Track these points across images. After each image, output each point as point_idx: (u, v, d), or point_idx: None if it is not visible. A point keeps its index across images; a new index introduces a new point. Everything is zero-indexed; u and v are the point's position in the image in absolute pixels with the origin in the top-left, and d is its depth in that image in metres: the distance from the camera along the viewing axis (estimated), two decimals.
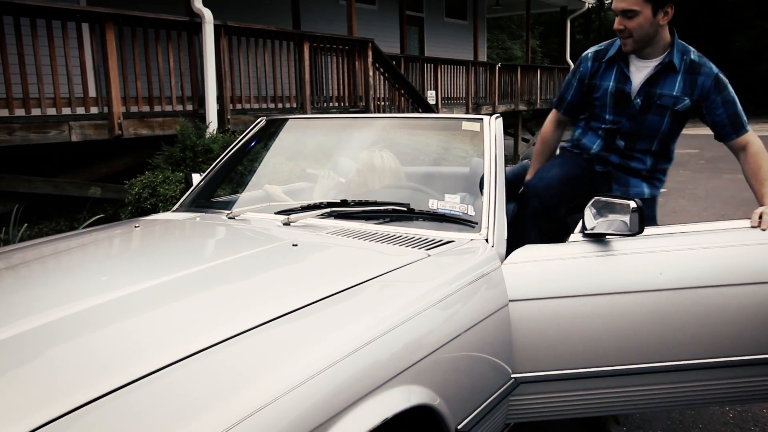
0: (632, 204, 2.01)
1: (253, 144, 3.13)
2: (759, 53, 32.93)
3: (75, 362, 1.32)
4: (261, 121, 3.10)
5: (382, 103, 9.64)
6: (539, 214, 2.66)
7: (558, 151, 3.11)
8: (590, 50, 2.73)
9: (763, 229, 2.16)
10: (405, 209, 2.28)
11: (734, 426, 2.87)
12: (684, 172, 13.39)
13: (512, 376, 2.02)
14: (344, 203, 2.35)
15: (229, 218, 2.42)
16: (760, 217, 2.20)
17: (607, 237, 2.12)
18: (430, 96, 11.83)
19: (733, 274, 2.07)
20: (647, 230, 2.13)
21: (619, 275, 2.07)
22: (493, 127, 2.47)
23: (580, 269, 2.08)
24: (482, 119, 2.53)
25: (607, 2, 37.26)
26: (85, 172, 6.65)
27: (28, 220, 6.57)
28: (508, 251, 2.14)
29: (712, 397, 2.23)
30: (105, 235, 2.33)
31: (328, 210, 2.31)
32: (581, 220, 2.18)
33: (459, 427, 1.73)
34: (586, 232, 2.14)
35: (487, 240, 2.15)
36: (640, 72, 2.52)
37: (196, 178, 3.06)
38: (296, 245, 2.00)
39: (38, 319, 1.48)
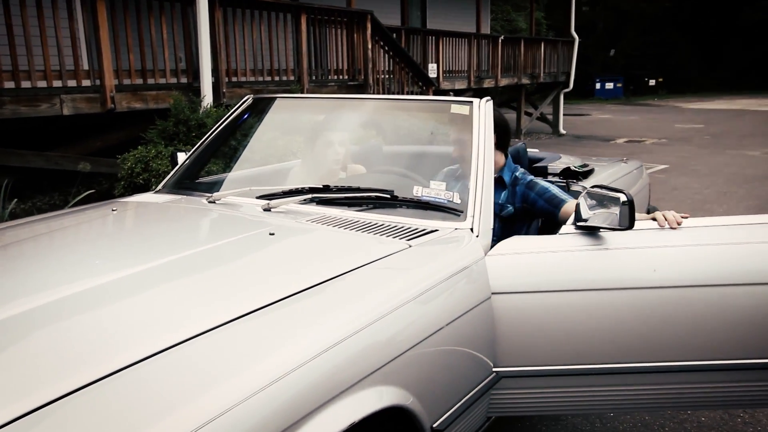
0: (622, 197, 1.91)
1: (238, 123, 3.06)
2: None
3: (33, 359, 1.27)
4: (247, 99, 3.02)
5: (382, 77, 9.49)
6: None
7: None
8: None
9: (674, 228, 2.07)
10: (388, 196, 2.22)
11: (722, 412, 2.84)
12: (688, 148, 13.27)
13: (494, 370, 1.98)
14: (326, 189, 2.29)
15: (210, 202, 2.36)
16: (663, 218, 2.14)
17: (600, 231, 2.03)
18: (432, 69, 11.66)
19: (730, 274, 1.97)
20: (641, 224, 2.05)
21: (610, 271, 1.98)
22: (483, 110, 2.40)
23: (568, 263, 2.00)
24: (472, 102, 2.45)
25: None
26: (78, 146, 6.58)
27: (21, 195, 6.52)
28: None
29: (698, 400, 2.16)
30: (78, 220, 2.27)
31: (309, 196, 2.25)
32: (573, 212, 2.11)
33: (435, 425, 1.68)
34: (577, 224, 2.07)
35: (472, 229, 2.08)
36: None
37: (181, 157, 2.99)
38: (273, 234, 1.94)
39: None
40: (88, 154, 6.56)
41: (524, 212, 2.64)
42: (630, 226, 1.91)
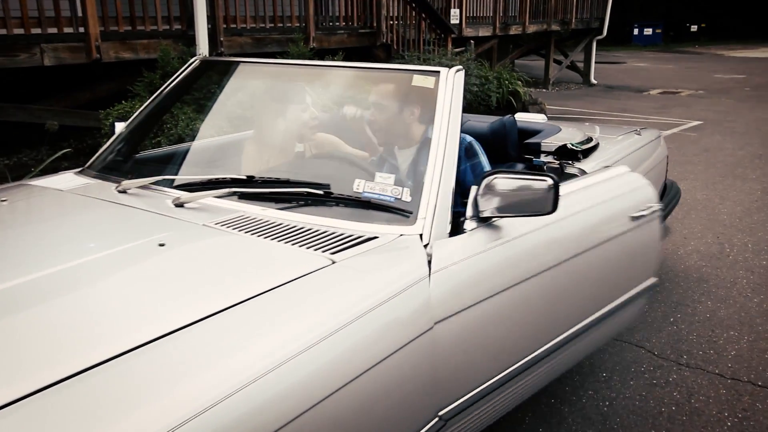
0: (549, 181, 1.71)
1: (184, 89, 2.68)
2: None
3: None
4: (194, 61, 2.63)
5: (395, 23, 8.91)
6: None
7: None
8: None
9: None
10: (321, 192, 1.83)
11: None
12: (726, 101, 12.47)
13: (438, 414, 1.62)
14: (250, 181, 1.90)
15: (119, 192, 2.00)
16: None
17: (494, 220, 1.83)
18: (454, 15, 10.99)
19: (582, 243, 2.13)
20: None
21: (517, 262, 1.88)
22: (450, 82, 1.98)
23: (490, 263, 1.79)
24: (439, 72, 2.03)
25: None
26: (65, 99, 6.25)
27: (8, 149, 6.26)
28: None
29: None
30: None
31: (230, 190, 1.87)
32: (472, 201, 1.80)
33: None
34: (482, 215, 1.79)
35: (421, 236, 1.70)
36: None
37: (119, 128, 2.63)
38: (163, 245, 1.58)
39: None
40: (75, 107, 6.24)
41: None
42: (554, 209, 1.73)
